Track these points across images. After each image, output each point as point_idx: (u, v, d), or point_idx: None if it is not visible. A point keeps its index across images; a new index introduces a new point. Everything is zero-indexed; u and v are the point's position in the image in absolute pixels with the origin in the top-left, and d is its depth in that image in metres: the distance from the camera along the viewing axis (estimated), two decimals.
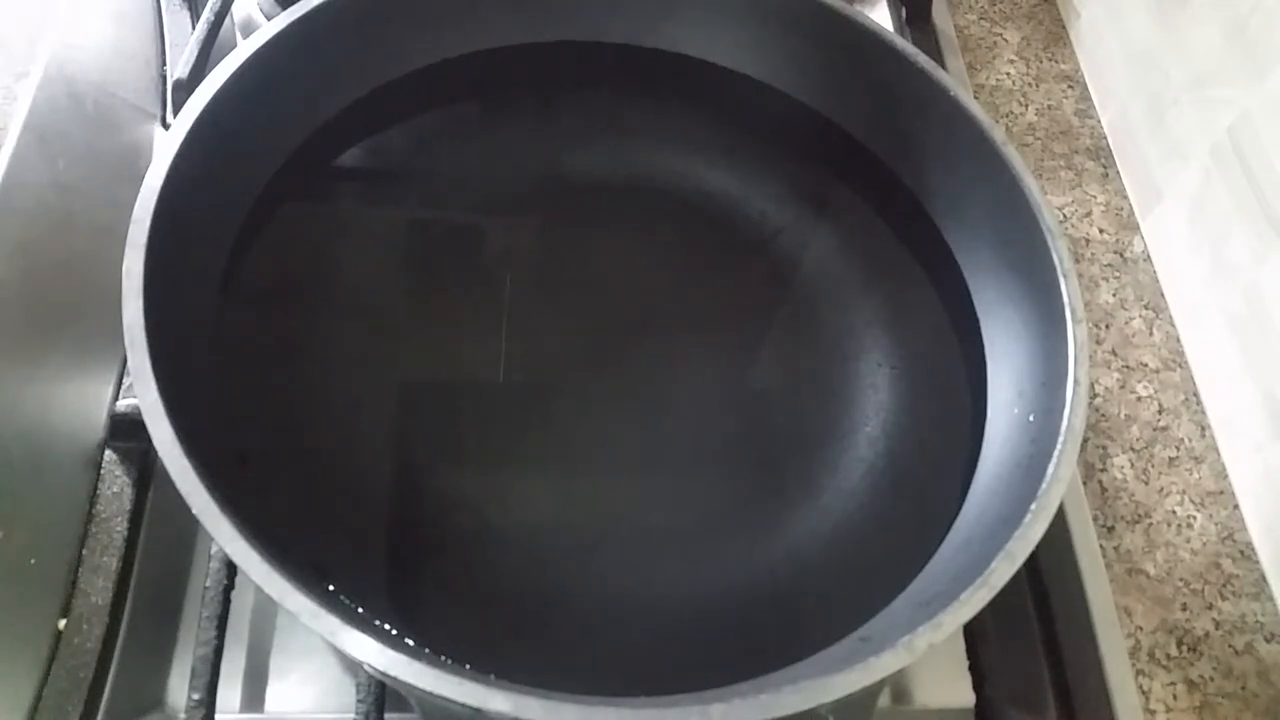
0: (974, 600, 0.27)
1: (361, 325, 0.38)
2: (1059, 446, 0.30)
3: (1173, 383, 0.47)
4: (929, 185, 0.40)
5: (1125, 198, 0.53)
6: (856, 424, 0.38)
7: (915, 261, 0.41)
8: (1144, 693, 0.39)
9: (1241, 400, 0.44)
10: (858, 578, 0.34)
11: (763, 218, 0.42)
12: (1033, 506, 0.29)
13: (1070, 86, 0.58)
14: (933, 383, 0.38)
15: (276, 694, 0.36)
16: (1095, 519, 0.43)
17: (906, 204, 0.41)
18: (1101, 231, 0.52)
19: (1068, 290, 0.33)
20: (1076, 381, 0.32)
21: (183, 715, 0.32)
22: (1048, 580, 0.39)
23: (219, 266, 0.35)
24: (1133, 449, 0.45)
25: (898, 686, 0.38)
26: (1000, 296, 0.37)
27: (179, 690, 0.36)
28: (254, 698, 0.36)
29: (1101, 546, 0.42)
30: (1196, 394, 0.47)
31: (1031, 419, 0.33)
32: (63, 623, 0.35)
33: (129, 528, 0.37)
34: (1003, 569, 0.28)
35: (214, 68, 0.34)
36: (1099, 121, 0.56)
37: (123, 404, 0.39)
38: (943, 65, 0.47)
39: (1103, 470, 0.45)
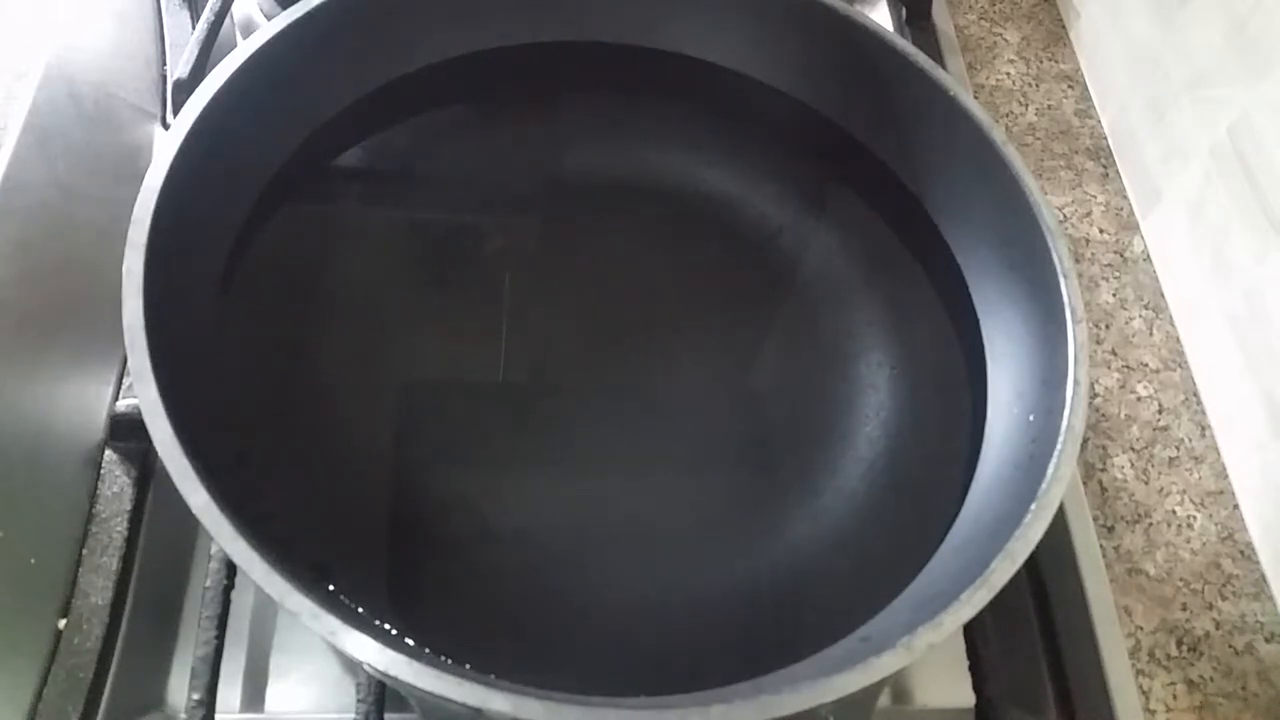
0: (974, 600, 0.27)
1: (361, 325, 0.38)
2: (1059, 446, 0.30)
3: (1173, 383, 0.47)
4: (929, 185, 0.40)
5: (1125, 198, 0.53)
6: (856, 424, 0.38)
7: (915, 261, 0.41)
8: (1144, 693, 0.39)
9: (1241, 400, 0.44)
10: (858, 578, 0.34)
11: (763, 218, 0.42)
12: (1033, 506, 0.29)
13: (1070, 86, 0.58)
14: (933, 383, 0.38)
15: (276, 694, 0.36)
16: (1095, 519, 0.43)
17: (906, 204, 0.41)
18: (1101, 231, 0.52)
19: (1068, 290, 0.33)
20: (1076, 381, 0.32)
21: (183, 715, 0.32)
22: (1048, 580, 0.39)
23: (219, 267, 0.35)
24: (1133, 449, 0.45)
25: (898, 686, 0.38)
26: (1000, 296, 0.37)
27: (179, 690, 0.36)
28: (254, 698, 0.36)
29: (1101, 546, 0.42)
30: (1196, 394, 0.47)
31: (1031, 419, 0.33)
32: (63, 623, 0.35)
33: (129, 528, 0.37)
34: (1003, 569, 0.28)
35: (214, 68, 0.34)
36: (1099, 121, 0.56)
37: (123, 404, 0.39)
38: (943, 65, 0.47)
39: (1103, 470, 0.45)
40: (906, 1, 0.55)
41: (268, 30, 0.35)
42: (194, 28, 0.46)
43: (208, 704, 0.32)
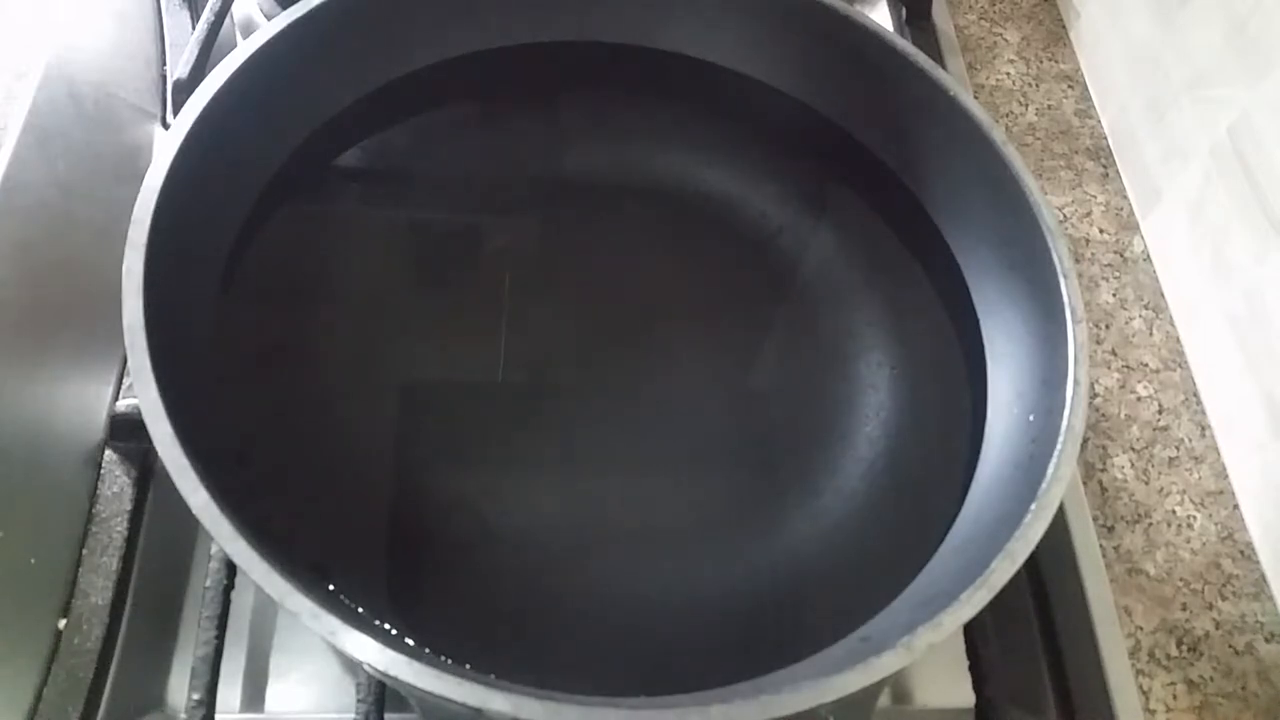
0: (974, 600, 0.27)
1: (361, 325, 0.38)
2: (1059, 446, 0.30)
3: (1173, 383, 0.47)
4: (929, 185, 0.40)
5: (1125, 198, 0.53)
6: (856, 424, 0.38)
7: (915, 261, 0.41)
8: (1144, 693, 0.39)
9: (1241, 400, 0.44)
10: (858, 578, 0.34)
11: (763, 218, 0.42)
12: (1033, 506, 0.29)
13: (1070, 86, 0.58)
14: (933, 383, 0.38)
15: (276, 694, 0.36)
16: (1095, 519, 0.43)
17: (906, 204, 0.41)
18: (1101, 231, 0.52)
19: (1068, 290, 0.33)
20: (1076, 381, 0.32)
21: (183, 715, 0.32)
22: (1048, 580, 0.39)
23: (219, 266, 0.35)
24: (1133, 449, 0.45)
25: (898, 686, 0.38)
26: (1000, 296, 0.37)
27: (179, 690, 0.36)
28: (254, 698, 0.36)
29: (1101, 546, 0.42)
30: (1196, 394, 0.47)
31: (1031, 419, 0.33)
32: (63, 623, 0.35)
33: (129, 528, 0.37)
34: (1003, 569, 0.28)
35: (214, 68, 0.34)
36: (1099, 121, 0.56)
37: (123, 404, 0.39)
38: (943, 65, 0.47)
39: (1103, 470, 0.45)
40: (906, 1, 0.55)
41: (268, 30, 0.35)
42: (194, 28, 0.46)
43: (208, 704, 0.32)
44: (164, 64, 0.49)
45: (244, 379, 0.35)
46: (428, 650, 0.29)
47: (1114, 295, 0.50)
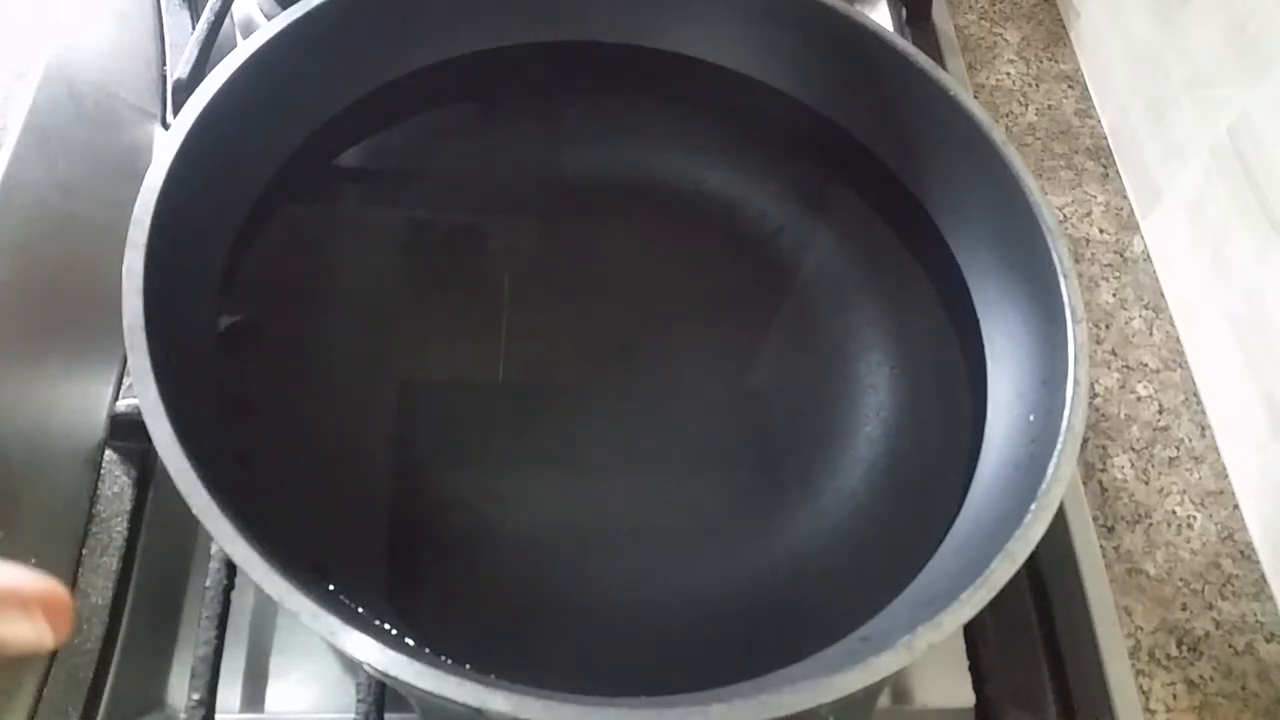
0: (974, 600, 0.27)
1: (361, 325, 0.38)
2: (1059, 446, 0.30)
3: (1173, 383, 0.47)
4: (929, 185, 0.40)
5: (1125, 198, 0.53)
6: (856, 424, 0.38)
7: (915, 261, 0.41)
8: (1144, 693, 0.39)
9: (1241, 400, 0.44)
10: (858, 578, 0.34)
11: (763, 218, 0.42)
12: (1033, 506, 0.29)
13: (1070, 86, 0.58)
14: (933, 383, 0.38)
15: (276, 694, 0.36)
16: (1095, 519, 0.43)
17: (906, 204, 0.41)
18: (1101, 231, 0.52)
19: (1068, 290, 0.33)
20: (1076, 381, 0.32)
21: (183, 715, 0.32)
22: (1048, 580, 0.39)
23: (219, 266, 0.35)
24: (1133, 449, 0.45)
25: (898, 686, 0.38)
26: (1000, 296, 0.37)
27: (179, 690, 0.36)
28: (254, 698, 0.36)
29: (1101, 546, 0.42)
30: (1196, 394, 0.47)
31: (1031, 419, 0.33)
32: None
33: (129, 528, 0.37)
34: (1003, 569, 0.28)
35: (214, 68, 0.34)
36: (1099, 121, 0.56)
37: (123, 404, 0.39)
38: (943, 65, 0.47)
39: (1103, 470, 0.45)
40: (906, 1, 0.55)
41: (268, 30, 0.35)
42: (194, 28, 0.46)
43: (208, 704, 0.32)
44: (164, 64, 0.49)
45: (244, 379, 0.35)
46: (428, 650, 0.29)
47: (1114, 295, 0.50)
